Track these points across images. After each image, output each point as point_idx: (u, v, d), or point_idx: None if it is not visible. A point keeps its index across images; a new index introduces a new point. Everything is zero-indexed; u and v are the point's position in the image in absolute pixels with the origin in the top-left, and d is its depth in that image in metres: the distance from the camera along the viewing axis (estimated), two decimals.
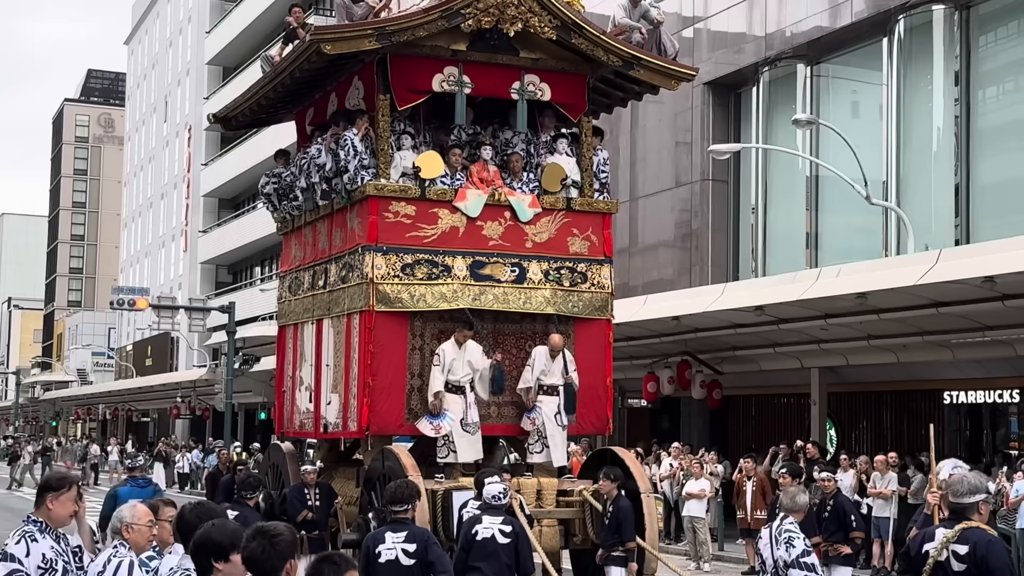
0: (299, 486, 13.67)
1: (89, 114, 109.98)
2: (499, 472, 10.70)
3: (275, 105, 14.89)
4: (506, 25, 12.46)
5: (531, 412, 12.71)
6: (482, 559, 9.34)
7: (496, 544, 9.35)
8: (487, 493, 9.70)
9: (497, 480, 9.83)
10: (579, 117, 13.46)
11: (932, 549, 6.45)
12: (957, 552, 6.37)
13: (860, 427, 23.51)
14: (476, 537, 9.41)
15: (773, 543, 8.46)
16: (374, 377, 12.36)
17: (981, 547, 6.35)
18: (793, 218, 26.80)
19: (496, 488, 9.67)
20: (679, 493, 20.74)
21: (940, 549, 6.41)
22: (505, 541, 9.38)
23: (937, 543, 6.44)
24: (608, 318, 13.28)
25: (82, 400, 73.02)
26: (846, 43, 25.47)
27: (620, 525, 11.62)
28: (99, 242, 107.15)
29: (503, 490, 9.71)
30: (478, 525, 9.47)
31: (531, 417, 12.70)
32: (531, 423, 12.71)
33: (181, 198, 66.43)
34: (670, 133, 29.33)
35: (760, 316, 20.25)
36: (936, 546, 6.44)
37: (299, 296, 14.48)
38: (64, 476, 6.34)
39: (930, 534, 6.57)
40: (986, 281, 16.01)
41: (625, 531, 11.58)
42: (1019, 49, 22.79)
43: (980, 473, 7.05)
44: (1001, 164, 22.82)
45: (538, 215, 12.98)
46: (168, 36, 72.26)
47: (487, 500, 9.69)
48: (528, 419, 12.72)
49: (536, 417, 12.69)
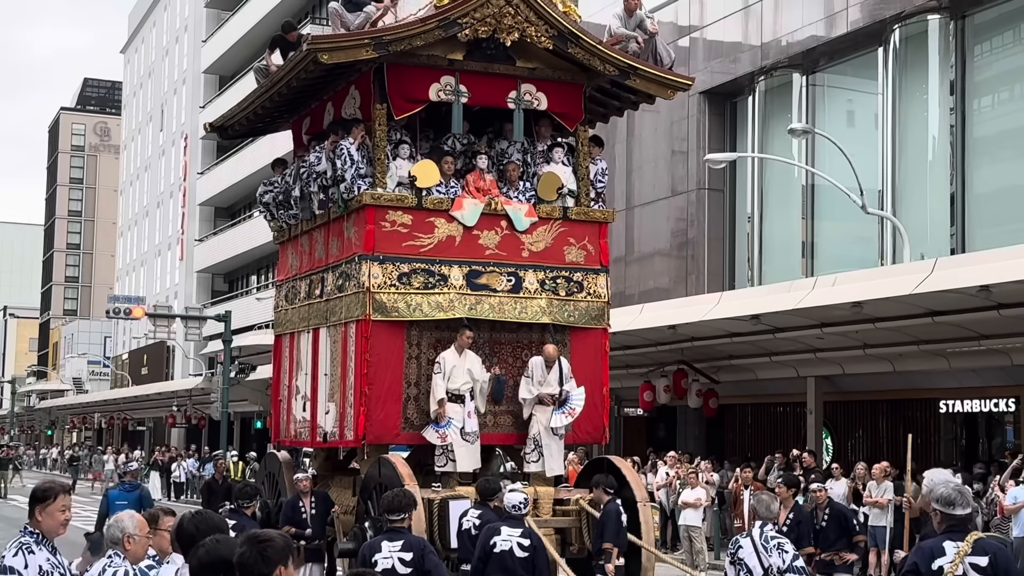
0: (294, 498, 13.60)
1: (85, 123, 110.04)
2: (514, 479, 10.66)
3: (271, 114, 14.90)
4: (503, 35, 12.49)
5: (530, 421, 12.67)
6: (499, 572, 9.30)
7: (514, 558, 9.31)
8: (508, 502, 9.63)
9: (519, 489, 9.77)
10: (575, 126, 13.48)
11: (946, 564, 6.24)
12: (977, 564, 6.21)
13: (856, 436, 23.52)
14: (494, 549, 9.36)
15: (761, 551, 8.46)
16: (370, 386, 12.35)
17: (1003, 558, 6.25)
18: (789, 227, 26.83)
19: (517, 497, 9.61)
20: (675, 502, 20.74)
21: (956, 563, 6.22)
22: (523, 555, 9.34)
23: (950, 557, 6.25)
24: (604, 327, 13.28)
25: (77, 409, 72.92)
26: (842, 52, 25.53)
27: (603, 528, 11.57)
28: (95, 251, 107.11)
29: (524, 499, 9.63)
30: (496, 537, 9.40)
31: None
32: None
33: (177, 207, 66.42)
34: (666, 142, 29.38)
35: (756, 325, 20.28)
36: (950, 561, 6.24)
37: (296, 305, 14.49)
38: (50, 486, 6.30)
39: (938, 548, 6.34)
40: (982, 290, 16.04)
41: (607, 533, 11.49)
42: (1014, 58, 22.85)
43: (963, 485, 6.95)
44: (996, 173, 22.87)
45: (534, 224, 12.99)
46: (164, 45, 72.31)
47: (508, 509, 9.63)
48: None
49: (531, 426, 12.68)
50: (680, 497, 20.13)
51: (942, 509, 6.41)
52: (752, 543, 8.52)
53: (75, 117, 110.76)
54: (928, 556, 6.37)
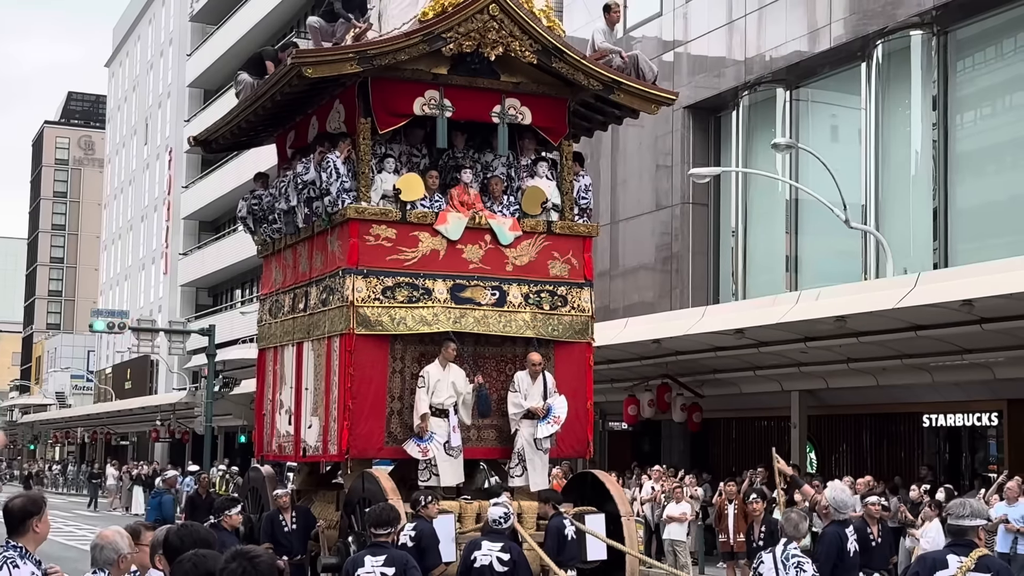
0: (274, 513, 13.52)
1: (69, 136, 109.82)
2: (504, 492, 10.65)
3: (256, 128, 14.89)
4: (487, 49, 12.51)
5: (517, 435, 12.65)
6: None
7: (493, 572, 9.30)
8: (489, 516, 9.64)
9: (500, 503, 9.76)
10: (560, 141, 13.51)
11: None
12: None
13: (840, 450, 23.55)
14: (474, 564, 9.35)
15: (780, 568, 8.48)
16: (354, 400, 12.33)
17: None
18: (773, 241, 26.90)
19: (497, 512, 9.60)
20: (660, 516, 20.72)
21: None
22: (503, 570, 9.32)
23: (952, 571, 6.23)
24: (589, 341, 13.29)
25: (60, 423, 72.61)
26: (825, 68, 25.64)
27: (544, 543, 11.47)
28: (79, 264, 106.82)
29: (504, 514, 9.61)
30: (477, 551, 9.40)
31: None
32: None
33: (161, 220, 66.29)
34: (651, 156, 29.44)
35: (740, 339, 20.31)
36: (952, 574, 6.21)
37: (279, 319, 14.46)
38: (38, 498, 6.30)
39: (941, 560, 6.33)
40: (964, 305, 16.09)
41: (546, 549, 11.32)
42: (996, 74, 22.97)
43: (979, 499, 6.97)
44: (979, 188, 22.96)
45: (518, 238, 13.00)
46: (149, 59, 72.25)
47: (488, 523, 9.62)
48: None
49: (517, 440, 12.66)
50: (665, 511, 20.12)
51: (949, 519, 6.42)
52: (773, 559, 8.54)
53: (59, 130, 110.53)
54: (930, 566, 6.35)
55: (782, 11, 25.92)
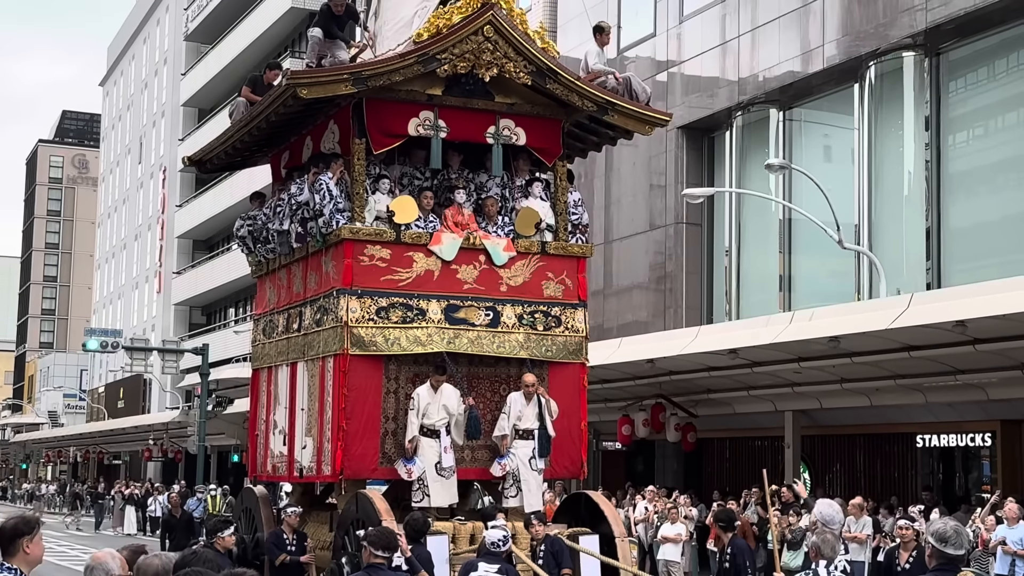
0: (277, 531, 13.56)
1: (63, 155, 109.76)
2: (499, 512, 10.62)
3: (250, 148, 14.90)
4: (481, 70, 12.54)
5: (502, 458, 12.64)
6: None
7: None
8: (487, 539, 9.63)
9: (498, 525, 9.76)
10: (554, 161, 13.53)
11: None
12: None
13: (834, 470, 23.55)
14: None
15: None
16: (348, 421, 12.31)
17: None
18: (766, 261, 26.95)
19: (496, 535, 9.59)
20: (654, 536, 20.69)
21: None
22: None
23: None
24: (583, 362, 13.28)
25: (53, 443, 72.43)
26: (818, 88, 25.73)
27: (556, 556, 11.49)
28: (72, 283, 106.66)
29: (503, 537, 9.61)
30: (473, 573, 9.40)
31: (502, 463, 12.63)
32: (501, 469, 12.64)
33: (155, 239, 66.27)
34: (644, 176, 29.50)
35: (734, 359, 20.32)
36: None
37: (273, 339, 14.45)
38: (31, 518, 6.26)
39: None
40: (957, 325, 16.12)
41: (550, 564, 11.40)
42: (988, 95, 23.06)
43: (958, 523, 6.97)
44: (971, 208, 23.03)
45: (513, 259, 12.99)
46: (143, 78, 72.33)
47: (485, 545, 9.62)
48: (499, 465, 12.64)
49: (508, 462, 12.64)
50: (660, 532, 20.09)
51: (936, 545, 6.39)
52: None
53: (53, 149, 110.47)
54: None
55: (775, 32, 26.02)
